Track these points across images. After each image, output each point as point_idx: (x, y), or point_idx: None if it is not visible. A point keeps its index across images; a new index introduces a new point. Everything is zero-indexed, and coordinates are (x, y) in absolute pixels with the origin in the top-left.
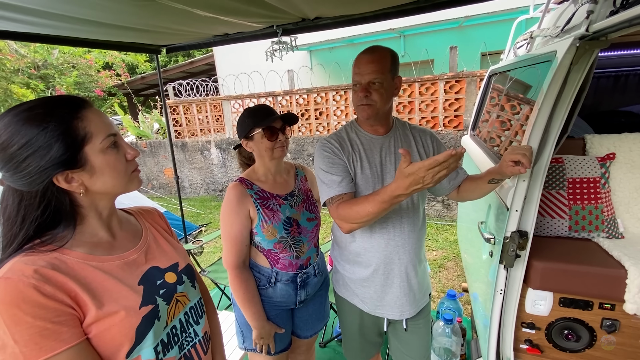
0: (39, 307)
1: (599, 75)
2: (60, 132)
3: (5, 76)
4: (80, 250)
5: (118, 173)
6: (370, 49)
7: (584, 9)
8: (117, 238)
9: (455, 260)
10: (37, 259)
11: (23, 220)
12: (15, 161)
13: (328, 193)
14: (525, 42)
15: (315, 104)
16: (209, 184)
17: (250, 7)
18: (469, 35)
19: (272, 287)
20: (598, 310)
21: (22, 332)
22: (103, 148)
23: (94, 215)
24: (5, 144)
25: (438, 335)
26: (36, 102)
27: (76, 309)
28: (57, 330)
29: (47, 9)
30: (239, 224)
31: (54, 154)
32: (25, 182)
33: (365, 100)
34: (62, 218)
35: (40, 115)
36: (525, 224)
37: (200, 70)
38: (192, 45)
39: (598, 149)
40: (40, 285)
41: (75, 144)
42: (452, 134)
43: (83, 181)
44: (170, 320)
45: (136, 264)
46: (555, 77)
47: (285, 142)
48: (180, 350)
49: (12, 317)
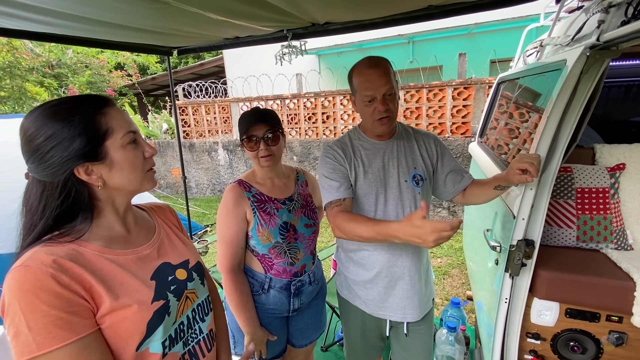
0: (55, 296)
1: (609, 84)
2: (83, 126)
3: (21, 74)
4: (96, 243)
5: (135, 169)
6: (375, 63)
7: (595, 19)
8: (132, 233)
9: (460, 267)
10: (56, 249)
11: (44, 209)
12: (40, 152)
13: (327, 197)
14: (535, 50)
15: (323, 107)
16: (215, 185)
17: (262, 11)
18: (478, 42)
19: (265, 293)
20: (605, 322)
21: (37, 320)
22: (123, 144)
23: (110, 209)
24: (32, 135)
25: (441, 343)
26: (64, 99)
27: (89, 301)
28: (70, 321)
29: (65, 10)
30: (234, 225)
31: (76, 146)
32: (49, 173)
33: (385, 113)
34: (80, 210)
35: (66, 109)
36: (532, 232)
37: (209, 72)
38: (203, 47)
39: (608, 159)
40: (57, 275)
41: (97, 138)
42: (459, 140)
43: (102, 174)
44: (179, 316)
45: (149, 259)
46: (565, 86)
47: (269, 150)
48: (185, 346)
49: (29, 305)
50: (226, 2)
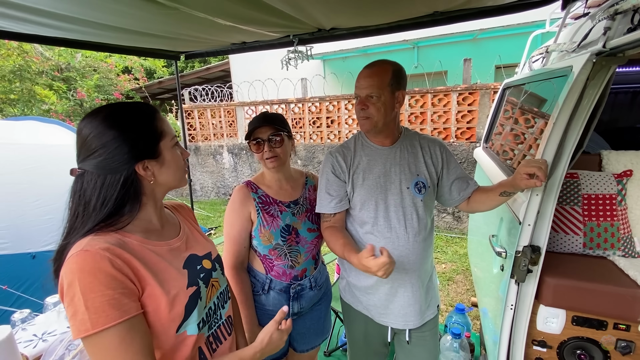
0: (110, 277)
1: (616, 90)
2: (146, 128)
3: (30, 77)
4: (137, 235)
5: (178, 167)
6: (372, 63)
7: (601, 25)
8: (164, 227)
9: (464, 274)
10: (108, 238)
11: (103, 202)
12: (106, 150)
13: (319, 208)
14: (541, 56)
15: (327, 112)
16: (219, 188)
17: (269, 17)
18: (483, 47)
19: (265, 294)
20: (612, 330)
21: (94, 299)
22: (171, 145)
23: (151, 204)
24: (97, 136)
25: (445, 349)
26: (123, 105)
27: (137, 284)
28: (121, 301)
29: (78, 15)
30: (239, 225)
31: (141, 145)
32: (114, 167)
33: (362, 113)
34: (128, 203)
35: (130, 113)
36: (538, 238)
37: (215, 76)
38: (210, 52)
39: (615, 166)
40: (113, 259)
41: (155, 138)
42: (464, 145)
43: (154, 171)
44: (208, 301)
45: (179, 250)
46: (571, 92)
47: (274, 151)
48: (209, 330)
49: (89, 285)
50: (234, 8)
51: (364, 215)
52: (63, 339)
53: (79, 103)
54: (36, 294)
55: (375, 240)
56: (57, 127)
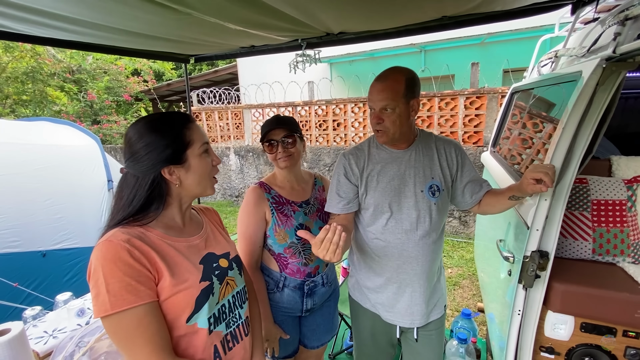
0: (129, 266)
1: (626, 96)
2: (174, 137)
3: (42, 79)
4: (159, 230)
5: (204, 174)
6: (384, 74)
7: (611, 31)
8: (186, 226)
9: (471, 279)
10: (131, 231)
11: (134, 198)
12: (139, 155)
13: (328, 207)
14: (550, 60)
15: (334, 115)
16: (226, 189)
17: (279, 21)
18: (491, 51)
19: (279, 291)
20: (622, 337)
21: (114, 284)
22: (200, 153)
23: (176, 205)
24: (135, 141)
25: (451, 354)
26: (159, 115)
27: (153, 274)
28: (137, 288)
29: (91, 19)
30: (254, 225)
31: (167, 152)
32: (144, 170)
33: (377, 127)
34: (155, 202)
35: (162, 124)
36: (547, 244)
37: (223, 79)
38: (219, 55)
39: (625, 171)
40: (131, 250)
41: (182, 147)
42: (471, 149)
43: (180, 175)
44: (222, 298)
45: (198, 247)
46: (580, 97)
47: (287, 152)
48: (227, 328)
49: (110, 271)
50: (246, 14)
51: (375, 218)
52: (73, 336)
53: (89, 104)
54: (46, 292)
55: (384, 239)
56: (68, 127)
